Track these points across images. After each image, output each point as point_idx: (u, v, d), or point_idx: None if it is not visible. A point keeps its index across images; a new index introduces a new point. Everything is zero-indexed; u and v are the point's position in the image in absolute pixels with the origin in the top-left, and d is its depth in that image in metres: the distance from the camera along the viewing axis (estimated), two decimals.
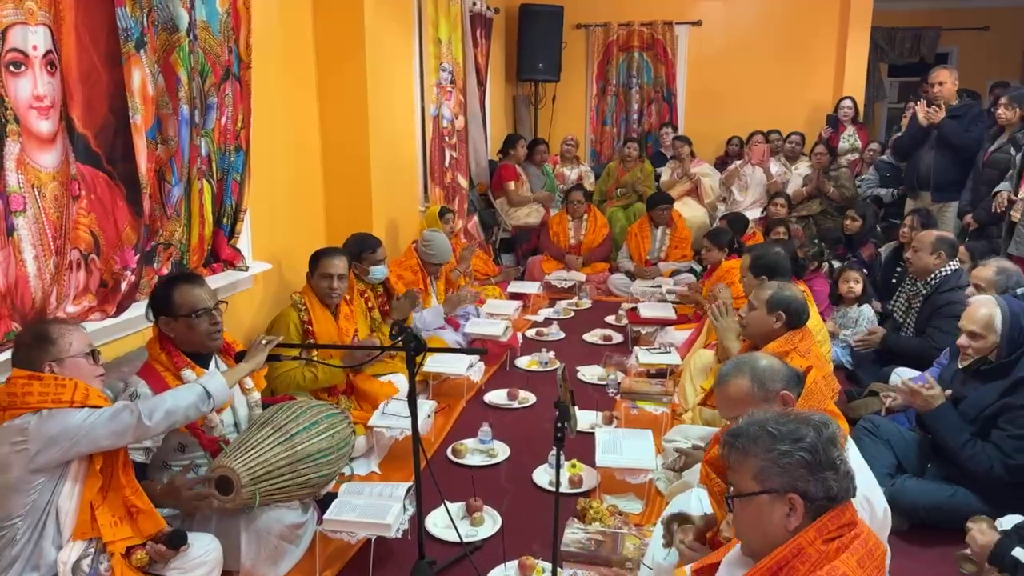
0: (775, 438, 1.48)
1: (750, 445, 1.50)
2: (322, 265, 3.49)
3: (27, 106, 2.33)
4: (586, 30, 8.48)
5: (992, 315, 2.87)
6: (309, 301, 3.47)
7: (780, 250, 3.73)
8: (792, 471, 1.45)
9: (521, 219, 7.03)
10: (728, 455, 1.56)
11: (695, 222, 6.96)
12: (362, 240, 4.01)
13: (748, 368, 2.11)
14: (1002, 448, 2.67)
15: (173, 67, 2.94)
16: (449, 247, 4.78)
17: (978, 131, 5.03)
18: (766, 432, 1.50)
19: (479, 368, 4.22)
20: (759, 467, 1.48)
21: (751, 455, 1.49)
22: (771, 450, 1.47)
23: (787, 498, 1.45)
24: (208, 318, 2.50)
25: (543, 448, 3.39)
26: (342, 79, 4.47)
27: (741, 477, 1.51)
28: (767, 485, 1.46)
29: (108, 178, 2.68)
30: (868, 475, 2.06)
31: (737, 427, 1.56)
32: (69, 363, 2.08)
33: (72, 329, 2.14)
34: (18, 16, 2.26)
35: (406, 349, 2.29)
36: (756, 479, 1.48)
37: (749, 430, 1.52)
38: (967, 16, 9.71)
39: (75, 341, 2.10)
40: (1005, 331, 2.84)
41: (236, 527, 2.39)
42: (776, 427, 1.50)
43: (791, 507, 1.44)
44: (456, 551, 2.66)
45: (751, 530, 1.51)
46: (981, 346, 2.89)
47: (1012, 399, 2.71)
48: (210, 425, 2.52)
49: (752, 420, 1.55)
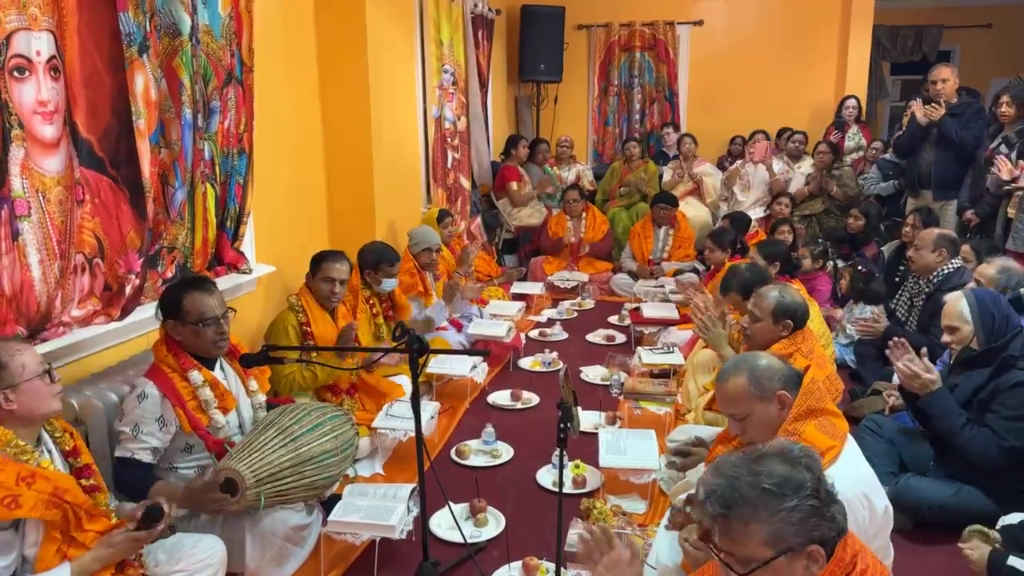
0: (776, 496, 1.33)
1: (751, 512, 1.34)
2: (324, 268, 3.48)
3: (31, 111, 2.34)
4: (587, 30, 8.48)
5: (960, 307, 2.96)
6: (306, 303, 3.47)
7: (747, 264, 3.76)
8: (806, 523, 1.33)
9: (524, 220, 7.05)
10: (722, 525, 1.38)
11: (698, 222, 6.97)
12: (385, 252, 4.03)
13: (747, 367, 2.11)
14: (995, 430, 2.69)
15: (176, 71, 2.95)
16: (431, 232, 4.77)
17: (977, 128, 5.03)
18: (764, 491, 1.34)
19: (482, 369, 4.22)
20: (770, 531, 1.33)
21: (755, 522, 1.33)
22: (778, 510, 1.33)
23: (807, 552, 1.34)
24: (215, 327, 2.51)
25: (547, 449, 3.40)
26: (344, 81, 4.48)
27: (744, 547, 1.35)
28: (783, 547, 1.33)
29: (112, 182, 2.70)
30: (870, 474, 2.06)
31: (720, 492, 1.38)
32: (25, 388, 1.91)
33: (22, 348, 1.96)
34: (22, 22, 2.28)
35: (409, 351, 2.30)
36: (768, 544, 1.33)
37: (741, 493, 1.35)
38: (969, 14, 9.69)
39: (28, 362, 1.93)
40: (976, 319, 2.91)
41: (241, 529, 2.40)
42: (770, 482, 1.35)
43: (810, 559, 1.34)
44: (460, 552, 2.66)
45: None
46: (959, 337, 2.97)
47: (1000, 381, 2.74)
48: (216, 427, 2.53)
49: (733, 479, 1.38)
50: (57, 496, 1.88)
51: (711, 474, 1.44)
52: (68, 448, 2.07)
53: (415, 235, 4.73)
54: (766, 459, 1.40)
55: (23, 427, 1.94)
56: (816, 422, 2.04)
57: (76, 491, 1.95)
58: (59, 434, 2.07)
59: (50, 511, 1.87)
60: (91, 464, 2.11)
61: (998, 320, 2.90)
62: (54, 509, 1.88)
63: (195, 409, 2.49)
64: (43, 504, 1.86)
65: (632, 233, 6.61)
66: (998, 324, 2.89)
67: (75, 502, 1.92)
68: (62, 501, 1.89)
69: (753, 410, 2.09)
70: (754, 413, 2.09)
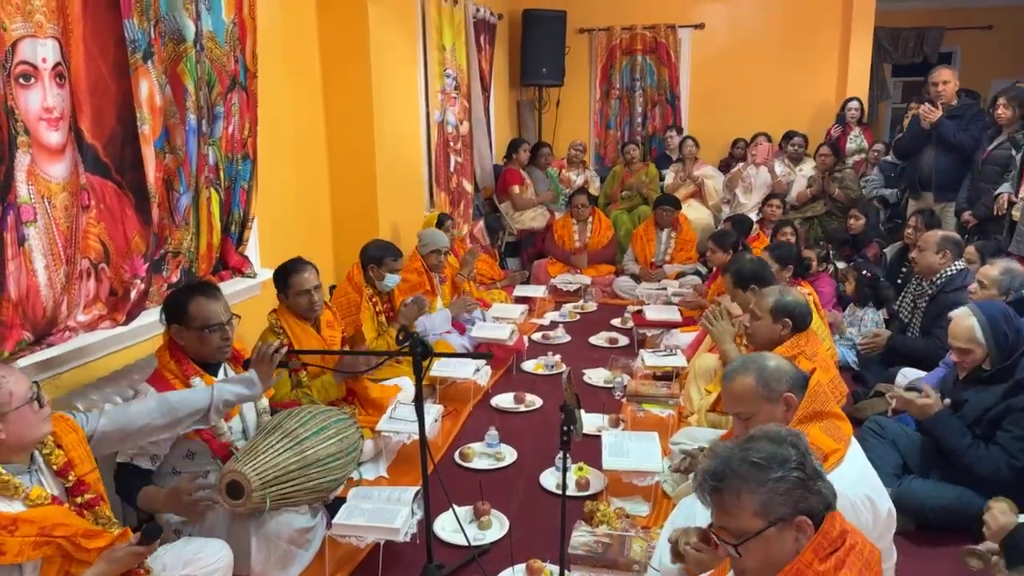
0: (763, 468, 1.44)
1: (741, 483, 1.45)
2: (295, 283, 3.24)
3: (37, 118, 2.36)
4: (589, 34, 8.49)
5: (970, 327, 2.86)
6: (285, 321, 3.26)
7: (754, 256, 3.76)
8: (793, 494, 1.43)
9: (526, 223, 7.06)
10: (715, 500, 1.49)
11: (699, 224, 6.97)
12: (389, 247, 4.06)
13: (755, 367, 2.12)
14: (1008, 450, 2.67)
15: (180, 77, 2.97)
16: (440, 233, 4.80)
17: (976, 130, 5.04)
18: (752, 464, 1.45)
19: (485, 372, 4.23)
20: (760, 502, 1.43)
21: (745, 492, 1.44)
22: (766, 481, 1.43)
23: (795, 522, 1.42)
24: (220, 333, 2.52)
25: (550, 451, 3.41)
26: (347, 86, 4.50)
27: (737, 519, 1.45)
28: (773, 516, 1.42)
29: (117, 188, 2.71)
30: (873, 476, 2.07)
31: (713, 469, 1.49)
32: (14, 417, 1.82)
33: (7, 375, 1.86)
34: (27, 29, 2.29)
35: (413, 354, 2.31)
36: (759, 515, 1.43)
37: (732, 467, 1.46)
38: (970, 15, 9.69)
39: (15, 388, 1.84)
40: (989, 339, 2.84)
41: (246, 532, 2.41)
42: (758, 456, 1.45)
43: (799, 529, 1.42)
44: (464, 555, 2.67)
45: (763, 565, 1.44)
46: (972, 359, 2.90)
47: (1015, 401, 2.71)
48: (219, 432, 2.54)
49: (723, 456, 1.49)
50: (45, 535, 1.82)
51: (707, 457, 1.56)
52: (59, 466, 1.98)
53: (424, 236, 4.76)
54: (755, 440, 1.52)
55: (15, 454, 1.88)
56: (821, 425, 2.05)
57: (67, 522, 1.88)
58: (47, 451, 1.97)
59: (39, 550, 1.82)
60: (84, 477, 2.01)
61: (1011, 337, 2.84)
62: (44, 547, 1.83)
63: None
64: (30, 547, 1.79)
65: (634, 236, 6.62)
66: (1012, 341, 2.84)
67: (66, 534, 1.85)
68: (52, 538, 1.83)
69: (759, 410, 2.10)
70: (759, 413, 2.10)
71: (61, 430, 2.02)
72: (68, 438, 2.02)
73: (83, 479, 2.01)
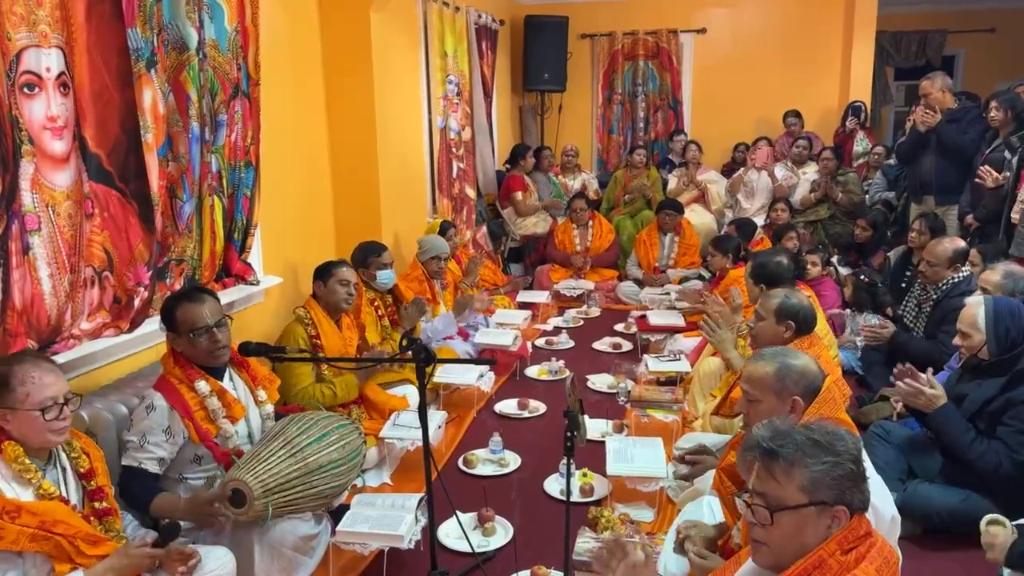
0: (824, 448, 1.44)
1: (798, 455, 1.44)
2: (337, 273, 3.55)
3: (41, 127, 2.37)
4: (591, 40, 8.51)
5: (975, 313, 2.91)
6: (315, 314, 3.49)
7: (783, 259, 3.73)
8: (842, 483, 1.43)
9: (529, 228, 7.07)
10: (764, 463, 1.48)
11: (703, 229, 6.96)
12: (367, 246, 4.07)
13: (781, 361, 2.14)
14: (1008, 444, 2.68)
15: (183, 85, 2.98)
16: (439, 240, 4.80)
17: (976, 133, 5.04)
18: (813, 441, 1.45)
19: (489, 378, 4.23)
20: (810, 478, 1.42)
21: (799, 465, 1.43)
22: (823, 461, 1.43)
23: (833, 511, 1.42)
24: (208, 336, 2.51)
25: (554, 457, 3.40)
26: (350, 93, 4.51)
27: (782, 487, 1.44)
28: (817, 497, 1.42)
29: (121, 196, 2.72)
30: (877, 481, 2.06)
31: (775, 431, 1.49)
32: (22, 416, 1.93)
33: (36, 378, 1.95)
34: (32, 39, 2.31)
35: (416, 360, 2.31)
36: (805, 491, 1.43)
37: (794, 439, 1.46)
38: (973, 18, 9.67)
39: (34, 392, 1.93)
40: (990, 328, 2.86)
41: (249, 540, 2.40)
42: (820, 436, 1.46)
43: (834, 519, 1.43)
44: (468, 561, 2.67)
45: (788, 541, 1.45)
46: (970, 344, 2.94)
47: (1014, 394, 2.72)
48: (225, 436, 2.54)
49: (783, 429, 1.50)
50: (44, 529, 1.89)
51: (763, 428, 1.53)
52: (84, 469, 2.10)
53: (424, 243, 4.76)
54: (816, 425, 1.52)
55: (28, 448, 1.98)
56: None
57: (70, 521, 1.95)
58: (76, 454, 2.10)
59: (36, 544, 1.89)
60: (105, 487, 2.13)
61: (1012, 333, 2.85)
62: (41, 542, 1.89)
63: (203, 419, 2.50)
64: (26, 538, 1.86)
65: (637, 241, 6.61)
66: (1012, 337, 2.84)
67: (67, 533, 1.92)
68: (51, 534, 1.90)
69: (765, 399, 2.11)
70: (765, 403, 2.11)
71: (86, 444, 2.16)
72: (93, 451, 2.16)
73: (102, 488, 2.13)
